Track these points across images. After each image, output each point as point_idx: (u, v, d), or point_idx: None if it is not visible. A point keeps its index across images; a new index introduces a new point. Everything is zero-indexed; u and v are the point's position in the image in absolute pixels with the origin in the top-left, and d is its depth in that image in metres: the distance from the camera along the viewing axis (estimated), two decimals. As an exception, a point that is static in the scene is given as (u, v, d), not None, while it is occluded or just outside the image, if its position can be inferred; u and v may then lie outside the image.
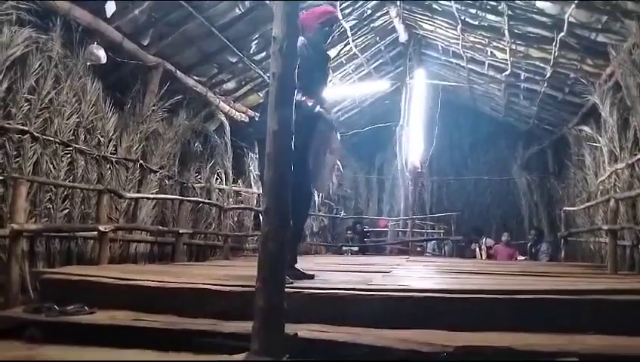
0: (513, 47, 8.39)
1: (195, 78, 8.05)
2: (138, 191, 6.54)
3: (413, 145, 12.26)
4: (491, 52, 9.37)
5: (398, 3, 9.71)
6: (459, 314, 2.46)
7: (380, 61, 12.22)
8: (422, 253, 11.99)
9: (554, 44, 7.36)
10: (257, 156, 3.67)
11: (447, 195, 15.04)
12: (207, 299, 2.73)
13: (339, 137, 3.62)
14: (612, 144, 6.68)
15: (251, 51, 8.37)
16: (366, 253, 11.62)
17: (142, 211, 6.59)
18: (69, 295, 2.88)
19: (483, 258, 10.99)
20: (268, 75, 2.44)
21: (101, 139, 6.02)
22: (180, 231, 6.50)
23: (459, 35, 9.24)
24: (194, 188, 8.01)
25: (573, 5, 6.34)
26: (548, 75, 8.62)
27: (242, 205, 9.12)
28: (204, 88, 8.31)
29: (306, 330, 2.23)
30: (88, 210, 5.64)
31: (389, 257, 9.29)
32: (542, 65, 8.52)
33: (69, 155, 5.48)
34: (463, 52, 10.05)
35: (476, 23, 8.62)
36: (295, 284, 2.77)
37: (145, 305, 2.77)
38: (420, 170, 13.10)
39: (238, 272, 4.11)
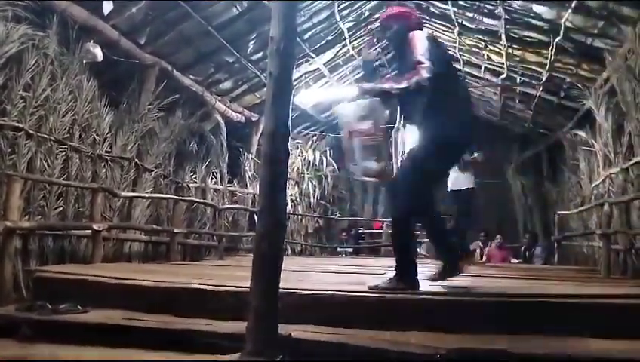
0: (509, 50, 8.41)
1: (191, 77, 8.03)
2: (133, 190, 6.52)
3: (408, 147, 12.26)
4: (488, 55, 9.39)
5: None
6: (453, 317, 2.46)
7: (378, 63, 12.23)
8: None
9: (550, 48, 7.39)
10: None
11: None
12: (202, 298, 2.72)
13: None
14: (606, 149, 6.71)
15: (248, 51, 8.36)
16: (360, 255, 11.63)
17: (136, 210, 6.57)
18: (62, 293, 2.86)
19: (483, 260, 11.02)
20: (264, 75, 2.43)
21: (96, 137, 5.99)
22: (175, 231, 6.48)
23: (456, 38, 9.26)
24: (189, 188, 7.99)
25: (570, 10, 6.37)
26: (544, 79, 8.64)
27: (237, 205, 9.11)
28: (201, 88, 8.29)
29: (299, 331, 2.22)
30: (82, 209, 5.62)
31: (384, 259, 9.29)
32: (538, 69, 8.54)
33: (64, 153, 5.46)
34: (460, 55, 10.08)
35: (473, 26, 8.64)
36: (289, 285, 2.74)
37: (138, 305, 2.75)
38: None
39: (233, 272, 4.11)
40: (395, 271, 2.86)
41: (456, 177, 6.58)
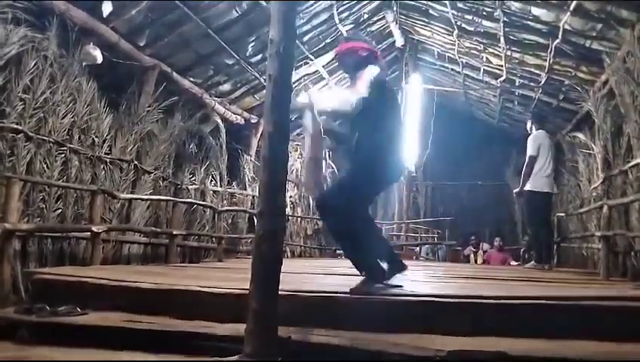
0: (508, 53, 8.43)
1: (190, 79, 8.04)
2: (132, 192, 6.52)
3: (407, 149, 12.30)
4: (487, 58, 9.41)
5: (395, 8, 9.74)
6: (453, 319, 2.46)
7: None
8: (415, 258, 12.01)
9: (549, 51, 7.41)
10: None
11: (441, 200, 15.10)
12: (201, 300, 2.72)
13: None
14: (605, 151, 6.73)
15: (248, 54, 8.37)
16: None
17: (135, 212, 6.57)
18: (61, 295, 2.86)
19: (478, 262, 11.05)
20: (264, 77, 2.44)
21: (95, 139, 5.99)
22: (174, 233, 6.47)
23: (455, 41, 9.28)
24: (188, 190, 7.99)
25: (569, 13, 6.39)
26: (543, 82, 8.66)
27: (236, 207, 9.11)
28: (200, 90, 8.29)
29: (299, 333, 2.22)
30: (81, 211, 5.62)
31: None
32: (537, 71, 8.56)
33: (63, 155, 5.46)
34: (459, 58, 10.10)
35: (472, 29, 8.66)
36: (288, 287, 2.74)
37: (138, 307, 2.75)
38: (414, 175, 13.11)
39: (232, 274, 4.10)
40: (364, 275, 2.91)
41: (536, 179, 6.13)
